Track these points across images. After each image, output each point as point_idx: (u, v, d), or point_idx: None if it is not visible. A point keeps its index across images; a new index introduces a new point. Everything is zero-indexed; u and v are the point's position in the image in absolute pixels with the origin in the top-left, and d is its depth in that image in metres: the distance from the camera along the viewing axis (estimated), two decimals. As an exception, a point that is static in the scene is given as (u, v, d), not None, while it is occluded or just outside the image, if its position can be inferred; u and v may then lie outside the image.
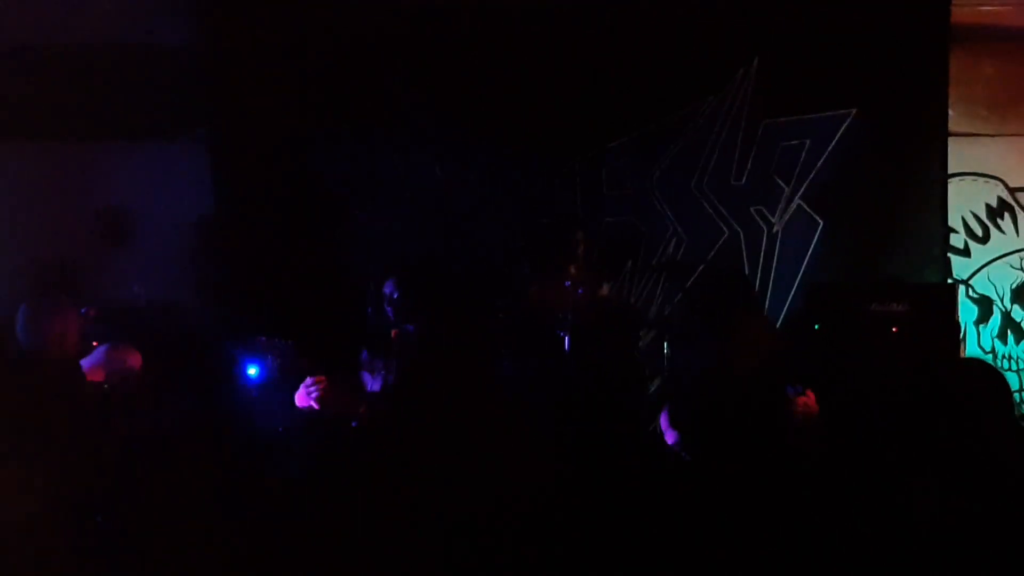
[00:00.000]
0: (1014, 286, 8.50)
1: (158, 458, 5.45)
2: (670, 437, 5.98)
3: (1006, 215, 8.53)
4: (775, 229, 8.68)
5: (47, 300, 6.09)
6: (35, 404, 5.41)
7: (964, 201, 8.51)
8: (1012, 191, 8.54)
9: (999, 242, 8.55)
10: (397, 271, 7.35)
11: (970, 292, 8.49)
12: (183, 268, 8.79)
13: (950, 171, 8.31)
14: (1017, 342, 8.46)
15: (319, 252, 9.07)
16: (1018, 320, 8.46)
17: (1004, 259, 8.54)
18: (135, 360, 6.42)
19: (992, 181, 8.54)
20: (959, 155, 8.40)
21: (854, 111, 8.37)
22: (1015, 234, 8.53)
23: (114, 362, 6.35)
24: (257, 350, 6.86)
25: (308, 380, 6.67)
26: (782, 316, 8.51)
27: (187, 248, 8.95)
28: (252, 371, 6.85)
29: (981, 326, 8.49)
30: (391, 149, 9.29)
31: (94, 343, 6.68)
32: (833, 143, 8.43)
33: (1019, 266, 8.50)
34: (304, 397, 6.66)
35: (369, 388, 7.12)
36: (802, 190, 8.54)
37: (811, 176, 8.50)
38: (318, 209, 9.20)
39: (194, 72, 8.95)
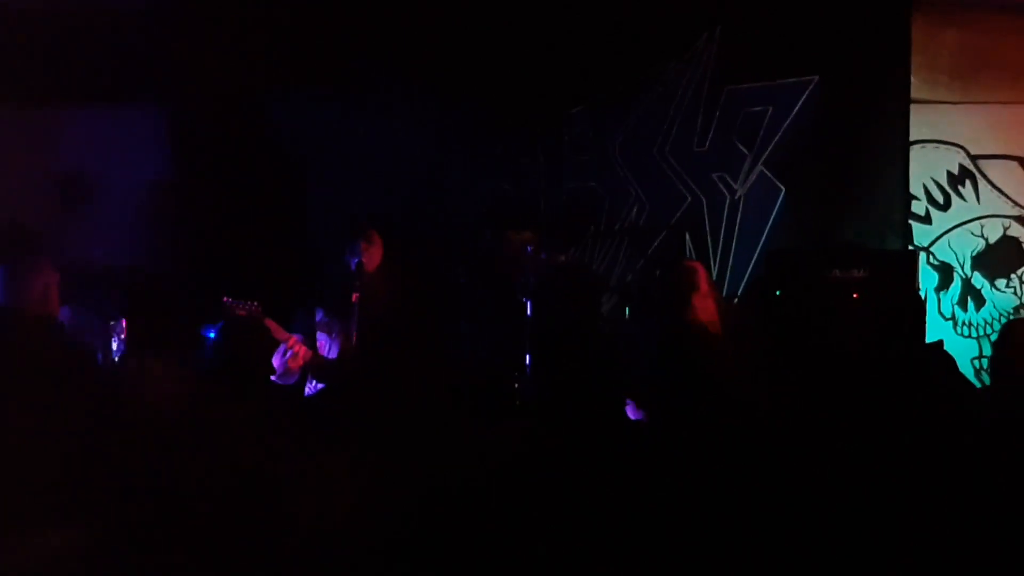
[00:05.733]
0: (974, 253, 8.52)
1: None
2: (632, 413, 6.01)
3: (967, 182, 8.54)
4: (737, 195, 8.68)
5: (28, 259, 6.09)
6: (22, 356, 5.46)
7: (926, 168, 8.51)
8: (973, 158, 8.55)
9: (960, 209, 8.56)
10: (360, 233, 7.34)
11: (931, 259, 8.50)
12: (142, 232, 8.75)
13: (912, 138, 8.31)
14: (977, 309, 8.49)
15: (278, 214, 9.05)
16: (978, 287, 8.49)
17: (965, 226, 8.55)
18: None
19: (954, 148, 8.54)
20: (921, 122, 8.40)
21: (816, 78, 8.37)
22: (976, 201, 8.54)
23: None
24: (220, 313, 6.86)
25: (282, 346, 6.72)
26: (744, 282, 8.52)
27: (146, 211, 8.90)
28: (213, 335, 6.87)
29: (942, 293, 8.51)
30: (352, 113, 9.25)
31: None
32: (795, 110, 8.43)
33: (980, 233, 8.52)
34: (279, 358, 6.68)
35: (327, 349, 7.12)
36: (764, 156, 8.54)
37: (773, 142, 8.51)
38: (277, 172, 9.17)
39: (151, 35, 8.88)
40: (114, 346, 6.33)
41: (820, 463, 4.63)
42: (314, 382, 7.09)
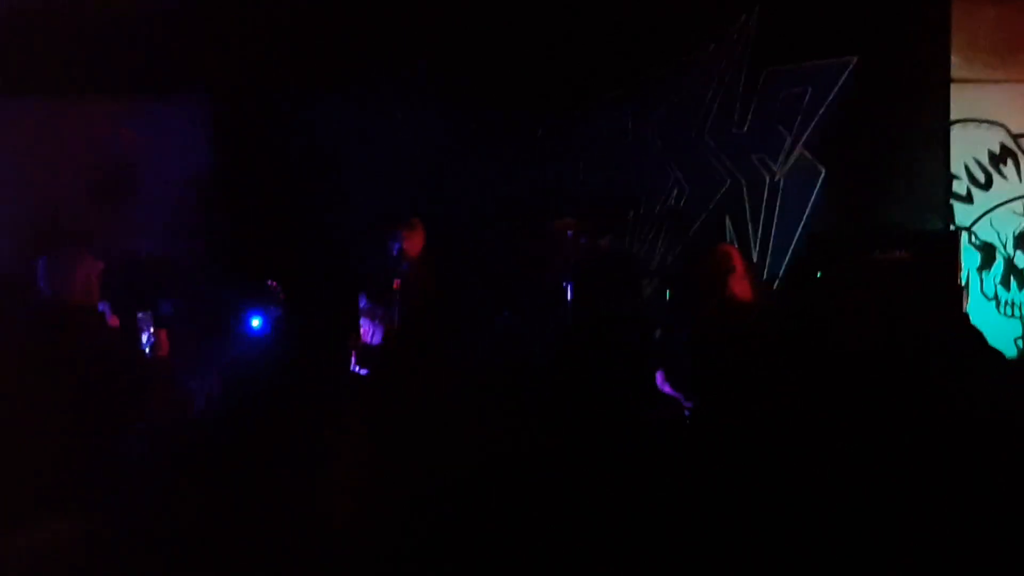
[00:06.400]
0: (1017, 232, 8.45)
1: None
2: (667, 389, 6.03)
3: (1009, 161, 8.48)
4: (777, 177, 8.66)
5: (71, 249, 6.18)
6: (65, 346, 5.59)
7: (966, 147, 8.44)
8: (1015, 137, 8.48)
9: (1002, 188, 8.49)
10: (402, 220, 7.42)
11: (972, 239, 8.44)
12: (184, 222, 8.83)
13: (952, 117, 8.26)
14: (1020, 288, 8.43)
15: (316, 204, 9.12)
16: (1020, 267, 8.43)
17: (1007, 205, 8.49)
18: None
19: (995, 127, 8.48)
20: (961, 101, 8.34)
21: (856, 58, 8.34)
22: (1018, 180, 8.47)
23: None
24: (264, 298, 6.95)
25: None
26: (784, 264, 8.52)
27: (187, 202, 8.99)
28: (255, 322, 6.95)
29: (984, 273, 8.46)
30: (387, 103, 9.32)
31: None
32: (835, 90, 8.41)
33: (1022, 212, 8.45)
34: None
35: (370, 334, 7.19)
36: (804, 138, 8.52)
37: (813, 124, 8.48)
38: (316, 163, 9.24)
39: (193, 28, 8.96)
40: (144, 337, 6.38)
41: (849, 451, 4.62)
42: (358, 368, 7.16)
